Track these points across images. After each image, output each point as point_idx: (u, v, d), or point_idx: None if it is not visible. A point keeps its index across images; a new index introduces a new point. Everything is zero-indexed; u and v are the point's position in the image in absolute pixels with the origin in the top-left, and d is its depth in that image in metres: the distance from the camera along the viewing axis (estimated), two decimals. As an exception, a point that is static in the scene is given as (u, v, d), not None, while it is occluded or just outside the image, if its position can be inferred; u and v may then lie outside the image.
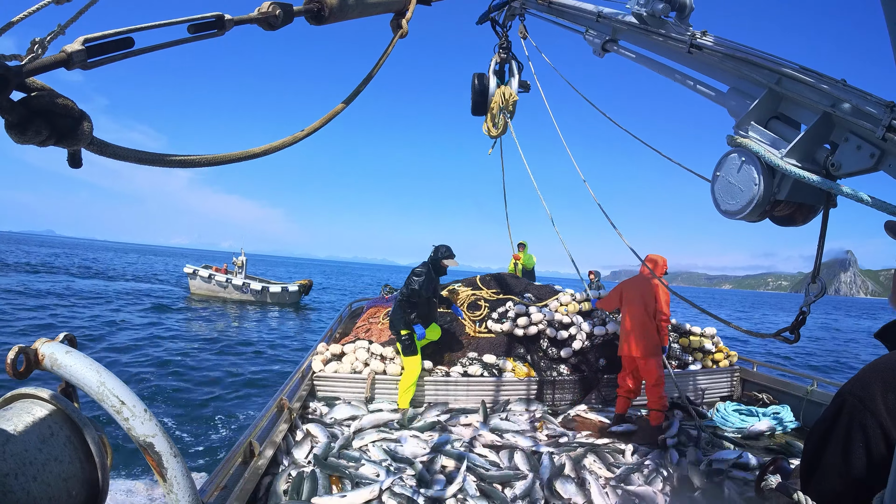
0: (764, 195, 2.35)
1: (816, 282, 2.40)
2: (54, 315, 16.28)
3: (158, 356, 11.92)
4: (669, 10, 3.06)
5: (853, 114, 2.03)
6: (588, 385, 5.85)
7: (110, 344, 12.66)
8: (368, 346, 5.72)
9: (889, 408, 1.13)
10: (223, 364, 11.84)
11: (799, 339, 2.54)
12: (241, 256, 27.73)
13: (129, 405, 0.97)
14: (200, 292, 27.30)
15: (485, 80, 5.60)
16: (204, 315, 20.67)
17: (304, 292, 27.47)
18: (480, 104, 5.64)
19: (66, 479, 0.91)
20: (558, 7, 4.34)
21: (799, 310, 2.47)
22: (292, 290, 26.90)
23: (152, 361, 11.38)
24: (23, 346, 0.93)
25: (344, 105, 1.87)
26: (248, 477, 3.18)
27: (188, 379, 10.32)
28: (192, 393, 9.38)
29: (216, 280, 26.65)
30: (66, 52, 0.95)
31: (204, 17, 1.26)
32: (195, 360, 11.89)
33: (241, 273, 27.38)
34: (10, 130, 0.84)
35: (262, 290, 26.49)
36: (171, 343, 13.69)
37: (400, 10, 2.44)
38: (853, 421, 1.16)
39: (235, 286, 26.61)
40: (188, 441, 7.00)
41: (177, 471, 1.00)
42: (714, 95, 2.89)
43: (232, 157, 1.33)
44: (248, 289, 26.63)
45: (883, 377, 1.18)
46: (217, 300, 26.38)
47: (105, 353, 11.62)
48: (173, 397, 8.99)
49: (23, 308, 17.04)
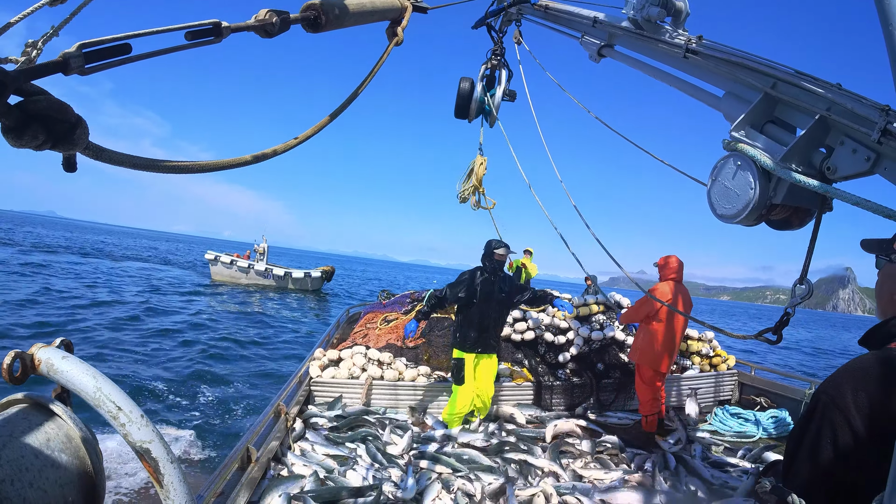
0: (760, 199, 2.36)
1: (804, 283, 2.42)
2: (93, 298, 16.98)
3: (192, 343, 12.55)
4: (665, 16, 3.08)
5: (848, 117, 2.04)
6: (586, 390, 5.84)
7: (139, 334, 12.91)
8: (366, 352, 5.70)
9: (858, 405, 1.22)
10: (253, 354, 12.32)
11: (781, 340, 2.55)
12: (262, 243, 27.99)
13: (126, 411, 0.97)
14: (221, 278, 27.41)
15: (470, 86, 5.60)
16: (228, 300, 21.22)
17: (326, 279, 27.50)
18: (463, 108, 5.65)
19: (62, 485, 0.90)
20: (554, 12, 4.36)
21: (784, 310, 2.48)
22: (315, 276, 27.02)
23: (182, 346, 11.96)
24: (19, 352, 0.93)
25: (329, 119, 1.85)
26: (244, 483, 3.17)
27: (230, 366, 10.86)
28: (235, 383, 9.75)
29: (238, 266, 26.79)
30: (64, 57, 0.95)
31: (201, 24, 1.27)
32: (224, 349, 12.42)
33: (262, 259, 27.54)
34: (7, 134, 0.84)
35: (285, 275, 26.71)
36: (201, 330, 14.24)
37: (396, 17, 2.46)
38: (824, 418, 1.26)
39: (257, 272, 26.72)
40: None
41: (173, 477, 0.99)
42: (710, 100, 2.91)
43: (224, 164, 1.34)
44: (271, 274, 26.81)
45: (853, 376, 1.27)
46: (238, 286, 26.52)
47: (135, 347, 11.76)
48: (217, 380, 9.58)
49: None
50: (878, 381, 1.23)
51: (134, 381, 8.87)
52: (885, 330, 1.38)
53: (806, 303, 2.52)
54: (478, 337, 4.74)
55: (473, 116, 5.71)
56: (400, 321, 6.71)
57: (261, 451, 3.58)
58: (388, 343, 6.12)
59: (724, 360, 6.51)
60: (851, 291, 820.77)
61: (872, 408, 1.20)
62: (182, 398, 8.49)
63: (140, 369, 9.66)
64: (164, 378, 9.30)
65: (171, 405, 8.18)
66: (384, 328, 6.64)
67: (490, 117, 5.64)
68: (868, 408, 1.20)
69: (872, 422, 1.19)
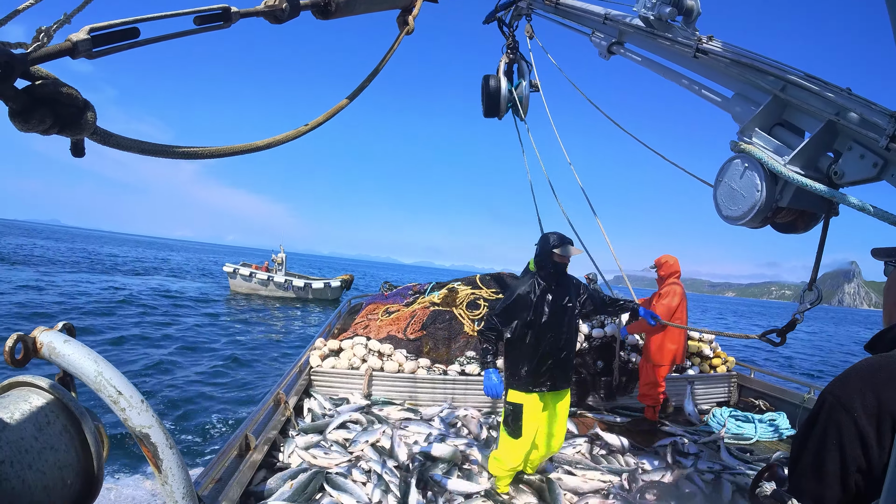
0: (766, 202, 2.35)
1: (813, 289, 2.42)
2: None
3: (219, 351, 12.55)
4: (676, 14, 3.06)
5: (857, 123, 2.03)
6: (586, 387, 5.85)
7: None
8: (366, 343, 5.72)
9: (866, 406, 1.18)
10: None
11: (784, 343, 2.57)
12: (280, 253, 27.73)
13: (126, 395, 0.97)
14: (241, 290, 27.24)
15: (494, 82, 5.60)
16: (247, 313, 20.82)
17: (345, 287, 27.40)
18: (492, 106, 5.65)
19: (61, 468, 0.91)
20: (565, 8, 4.33)
21: (792, 316, 2.51)
22: (335, 286, 26.86)
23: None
24: (21, 334, 0.93)
25: (348, 101, 1.88)
26: (243, 470, 3.19)
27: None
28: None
29: (257, 278, 26.61)
30: (72, 41, 0.95)
31: (210, 9, 1.26)
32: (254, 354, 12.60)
33: (280, 270, 27.37)
34: (14, 118, 0.84)
35: (305, 286, 26.50)
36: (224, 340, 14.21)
37: (407, 6, 2.43)
38: (830, 420, 1.22)
39: (277, 283, 26.53)
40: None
41: (172, 462, 1.00)
42: (719, 101, 2.89)
43: (236, 150, 1.33)
44: (291, 286, 26.59)
45: (862, 377, 1.24)
46: (258, 298, 26.24)
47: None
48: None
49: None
50: (886, 382, 1.20)
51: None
52: (892, 335, 1.35)
53: (803, 294, 2.53)
54: (544, 369, 3.47)
55: (504, 113, 5.71)
56: (401, 313, 6.72)
57: (259, 438, 3.60)
58: (388, 334, 6.13)
59: (724, 362, 6.50)
60: (857, 285, 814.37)
61: (881, 409, 1.17)
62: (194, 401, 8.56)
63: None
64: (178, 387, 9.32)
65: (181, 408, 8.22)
66: (385, 319, 6.65)
67: (521, 111, 5.64)
68: (876, 409, 1.17)
69: (881, 424, 1.16)
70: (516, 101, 5.57)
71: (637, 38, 3.49)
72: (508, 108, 5.73)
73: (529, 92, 5.69)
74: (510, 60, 5.72)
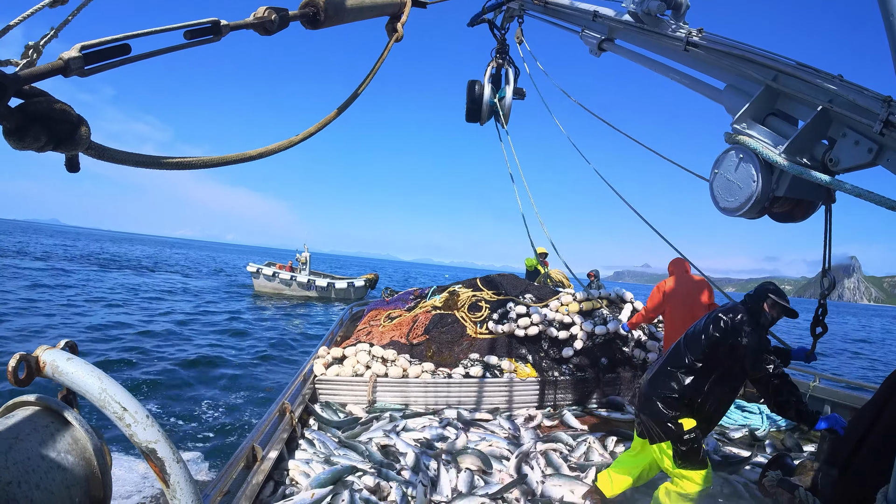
0: (762, 192, 2.36)
1: (827, 275, 2.52)
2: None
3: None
4: (665, 9, 3.07)
5: (850, 109, 2.03)
6: (590, 385, 5.84)
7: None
8: (369, 349, 5.71)
9: None
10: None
11: (827, 330, 2.72)
12: (304, 253, 27.81)
13: (132, 411, 0.97)
14: (265, 290, 27.26)
15: (479, 88, 5.60)
16: (281, 316, 20.93)
17: (370, 287, 27.35)
18: (473, 111, 5.64)
19: (68, 487, 0.91)
20: (554, 7, 4.35)
21: (818, 302, 2.70)
22: (358, 286, 26.87)
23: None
24: (24, 354, 0.93)
25: (337, 112, 1.88)
26: (250, 482, 3.18)
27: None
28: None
29: (280, 278, 26.65)
30: (64, 60, 0.95)
31: (200, 23, 1.26)
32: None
33: (304, 270, 27.44)
34: (9, 137, 0.84)
35: (328, 286, 26.55)
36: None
37: (395, 13, 2.44)
38: None
39: (300, 283, 26.58)
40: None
41: (179, 476, 1.00)
42: (711, 93, 2.90)
43: (227, 160, 1.33)
44: (314, 285, 26.66)
45: None
46: (282, 297, 26.24)
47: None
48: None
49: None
50: None
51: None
52: None
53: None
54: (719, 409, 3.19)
55: (486, 119, 5.70)
56: (403, 318, 6.71)
57: (266, 449, 3.59)
58: (391, 340, 6.12)
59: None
60: (857, 280, 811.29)
61: None
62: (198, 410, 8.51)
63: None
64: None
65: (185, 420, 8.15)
66: (388, 325, 6.64)
67: (502, 118, 5.64)
68: None
69: None
70: (498, 110, 5.57)
71: (627, 33, 3.50)
72: (490, 117, 5.72)
73: (514, 100, 5.70)
74: (498, 65, 5.72)
